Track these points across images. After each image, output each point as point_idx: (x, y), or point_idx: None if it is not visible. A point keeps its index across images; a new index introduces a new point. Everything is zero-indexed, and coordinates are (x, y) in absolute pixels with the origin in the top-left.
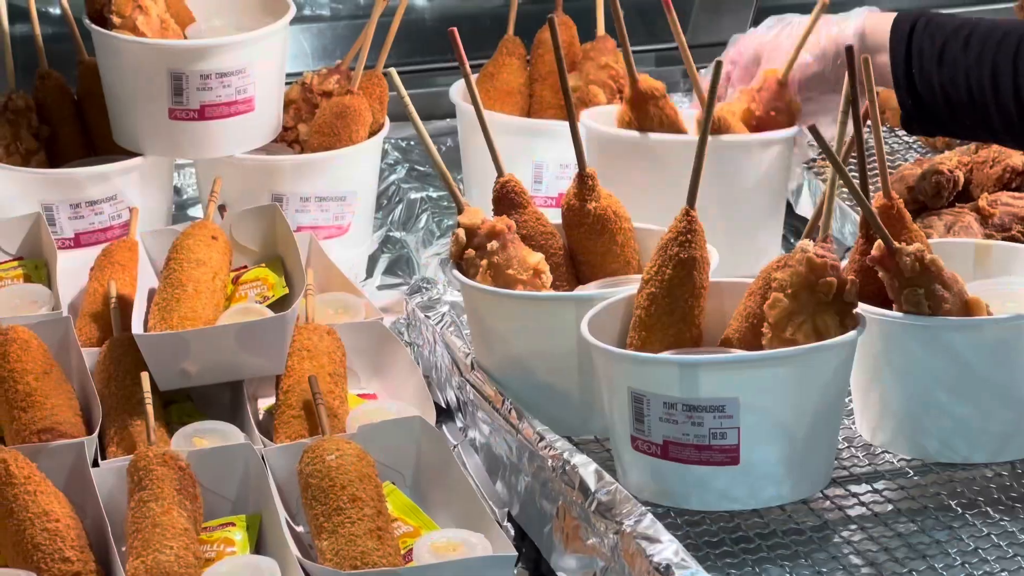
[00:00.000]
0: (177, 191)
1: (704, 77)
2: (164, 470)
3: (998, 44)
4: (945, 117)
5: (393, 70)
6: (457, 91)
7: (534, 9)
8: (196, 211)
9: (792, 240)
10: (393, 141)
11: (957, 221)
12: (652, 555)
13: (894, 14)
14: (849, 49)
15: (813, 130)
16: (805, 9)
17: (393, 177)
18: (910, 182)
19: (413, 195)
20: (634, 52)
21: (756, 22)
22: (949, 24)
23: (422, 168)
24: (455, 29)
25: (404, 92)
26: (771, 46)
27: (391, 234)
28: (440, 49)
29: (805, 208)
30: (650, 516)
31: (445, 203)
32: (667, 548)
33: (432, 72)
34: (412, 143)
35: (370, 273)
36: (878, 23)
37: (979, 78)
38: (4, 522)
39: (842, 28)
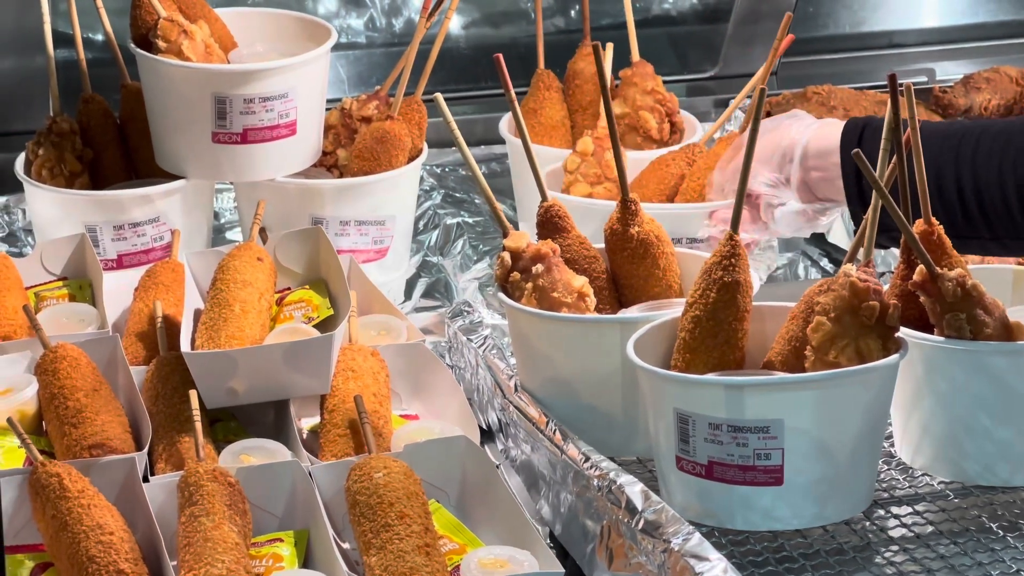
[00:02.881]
0: (216, 215)
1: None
2: (214, 486)
3: (939, 146)
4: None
5: (439, 95)
6: (506, 125)
7: (559, 40)
8: (234, 234)
9: (823, 264)
10: (429, 167)
11: None
12: (701, 573)
13: (841, 124)
14: (892, 77)
15: (858, 156)
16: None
17: (429, 203)
18: None
19: (449, 220)
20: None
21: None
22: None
23: (458, 194)
24: (500, 56)
25: (450, 117)
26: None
27: (428, 259)
28: (473, 77)
29: (838, 236)
30: (698, 535)
31: (481, 228)
32: (716, 566)
33: (464, 100)
34: (448, 169)
35: (408, 296)
36: (828, 132)
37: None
38: (59, 535)
39: (788, 134)
